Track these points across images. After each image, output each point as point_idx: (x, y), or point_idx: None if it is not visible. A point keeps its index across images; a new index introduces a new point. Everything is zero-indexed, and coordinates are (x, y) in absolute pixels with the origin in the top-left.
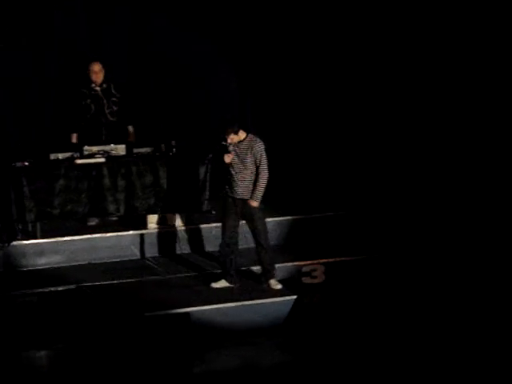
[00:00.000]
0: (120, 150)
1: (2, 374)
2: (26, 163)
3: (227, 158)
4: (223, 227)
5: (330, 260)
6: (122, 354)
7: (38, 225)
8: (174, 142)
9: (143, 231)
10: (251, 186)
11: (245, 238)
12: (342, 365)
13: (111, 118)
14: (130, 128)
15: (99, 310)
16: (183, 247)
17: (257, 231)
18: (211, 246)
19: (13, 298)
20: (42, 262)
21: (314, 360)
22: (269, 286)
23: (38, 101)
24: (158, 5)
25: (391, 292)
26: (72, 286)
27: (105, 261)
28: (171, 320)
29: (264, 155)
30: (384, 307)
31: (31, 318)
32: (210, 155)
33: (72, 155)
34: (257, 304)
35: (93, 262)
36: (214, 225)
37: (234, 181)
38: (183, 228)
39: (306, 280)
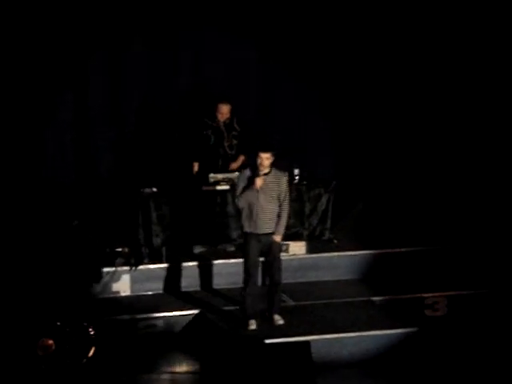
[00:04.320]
0: None
1: None
2: (154, 189)
3: (259, 181)
4: (248, 267)
5: (452, 293)
6: (242, 381)
7: (164, 249)
8: (297, 171)
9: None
10: (275, 220)
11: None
12: None
13: (229, 151)
14: (241, 157)
15: (221, 335)
16: (303, 275)
17: (275, 266)
18: (331, 274)
19: (138, 321)
20: (167, 287)
21: None
22: (272, 321)
23: (164, 129)
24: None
25: None
26: (195, 311)
27: (228, 286)
28: (291, 348)
29: (288, 189)
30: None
31: (156, 340)
32: (334, 182)
33: (198, 182)
34: (377, 335)
35: (216, 287)
36: (336, 254)
37: (259, 214)
38: (305, 256)
39: (429, 312)
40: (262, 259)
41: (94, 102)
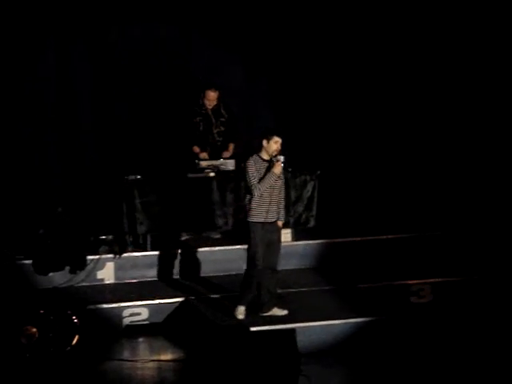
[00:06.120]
0: (229, 164)
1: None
2: (138, 176)
3: (280, 167)
4: (258, 257)
5: (437, 280)
6: (227, 369)
7: (149, 237)
8: (282, 158)
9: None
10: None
11: None
12: None
13: (217, 138)
14: (231, 145)
15: (206, 323)
16: (287, 262)
17: (276, 254)
18: (316, 261)
19: (122, 309)
20: (152, 274)
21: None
22: (273, 313)
23: (150, 116)
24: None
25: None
26: (180, 299)
27: (213, 274)
28: (277, 336)
29: None
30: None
31: (140, 328)
32: (318, 172)
33: (183, 169)
34: (362, 322)
35: (201, 274)
36: (320, 241)
37: (276, 201)
38: (291, 243)
39: (414, 299)
40: None
41: (78, 88)
